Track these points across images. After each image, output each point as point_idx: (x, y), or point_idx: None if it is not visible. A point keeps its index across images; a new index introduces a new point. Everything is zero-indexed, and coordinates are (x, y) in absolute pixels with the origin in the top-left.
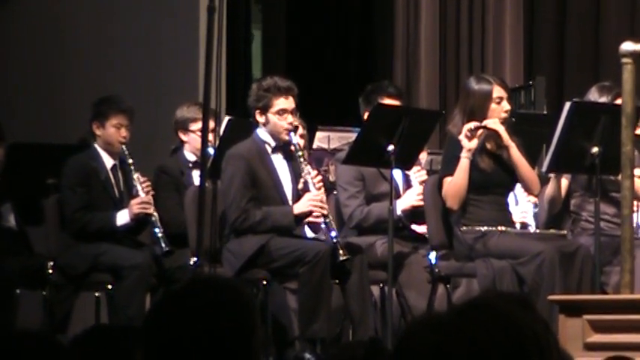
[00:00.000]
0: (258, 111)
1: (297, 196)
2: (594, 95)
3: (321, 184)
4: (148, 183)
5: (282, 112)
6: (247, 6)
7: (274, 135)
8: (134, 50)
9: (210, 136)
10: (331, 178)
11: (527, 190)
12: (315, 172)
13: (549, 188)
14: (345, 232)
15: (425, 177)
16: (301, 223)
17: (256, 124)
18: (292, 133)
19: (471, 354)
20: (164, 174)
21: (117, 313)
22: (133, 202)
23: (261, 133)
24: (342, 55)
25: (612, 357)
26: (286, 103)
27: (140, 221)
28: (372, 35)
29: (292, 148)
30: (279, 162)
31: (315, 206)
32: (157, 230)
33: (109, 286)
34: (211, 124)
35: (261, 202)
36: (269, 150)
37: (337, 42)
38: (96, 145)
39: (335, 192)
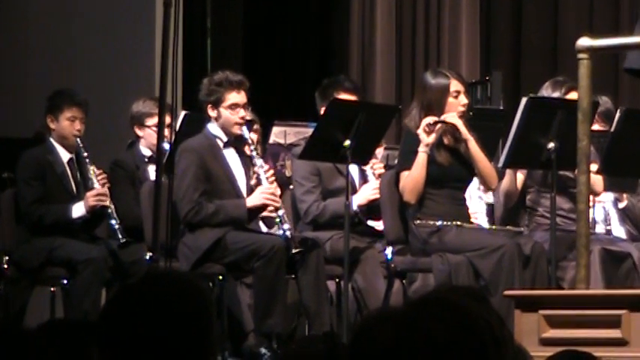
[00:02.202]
0: (209, 105)
1: (251, 190)
2: (547, 90)
3: (273, 177)
4: (104, 175)
5: (234, 106)
6: (204, 0)
7: (226, 129)
8: (90, 44)
9: (166, 131)
10: (287, 173)
11: (485, 184)
12: (268, 166)
13: (505, 182)
14: (300, 227)
15: (382, 170)
16: (255, 217)
17: (208, 119)
18: (245, 128)
19: (428, 347)
20: (120, 168)
21: (72, 307)
22: (89, 194)
23: (213, 128)
24: (298, 50)
25: (565, 350)
26: (238, 97)
27: (96, 214)
28: (329, 30)
29: (245, 142)
30: (231, 156)
31: (268, 199)
32: (113, 222)
33: (64, 281)
34: (167, 119)
35: (216, 195)
36: (221, 145)
37: (294, 37)
38: (51, 139)
39: (291, 187)
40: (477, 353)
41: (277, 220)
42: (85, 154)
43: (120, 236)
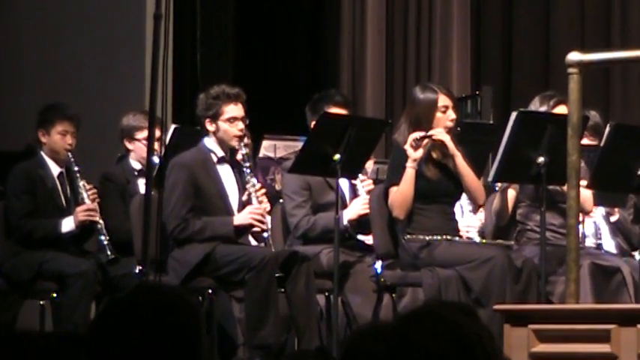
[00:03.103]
0: (208, 120)
1: (242, 206)
2: (536, 104)
3: (264, 197)
4: (94, 190)
5: (232, 119)
6: (194, 14)
7: (224, 143)
8: (81, 58)
9: (156, 145)
10: (277, 187)
11: (472, 199)
12: (260, 185)
13: (496, 202)
14: (290, 242)
15: (371, 186)
16: (242, 235)
17: (205, 134)
18: (242, 144)
19: None
20: (109, 182)
21: (62, 320)
22: (79, 209)
23: (209, 142)
24: (289, 64)
25: None
26: (236, 110)
27: (86, 229)
28: (319, 44)
29: (239, 157)
30: (224, 172)
31: (255, 219)
32: (102, 238)
33: (54, 294)
34: (157, 133)
35: (206, 211)
36: (215, 159)
37: (284, 51)
38: (42, 153)
39: (281, 201)
40: None
41: (262, 243)
42: (76, 168)
43: (108, 252)
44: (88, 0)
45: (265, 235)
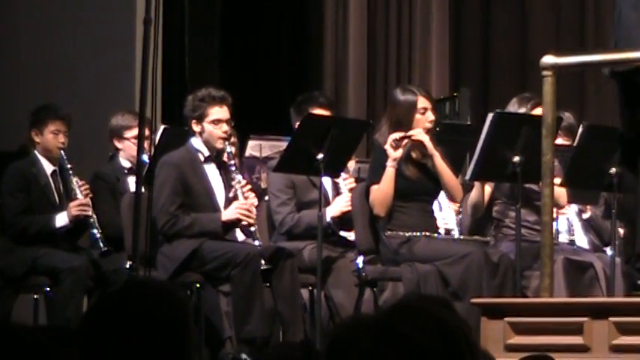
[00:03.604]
0: (194, 121)
1: (229, 202)
2: (514, 106)
3: (250, 193)
4: (87, 187)
5: (217, 121)
6: (182, 19)
7: (209, 143)
8: (73, 60)
9: (146, 144)
10: (263, 185)
11: (451, 197)
12: (245, 181)
13: (473, 194)
14: (275, 238)
15: (353, 184)
16: (230, 230)
17: (192, 134)
18: (227, 142)
19: (407, 354)
20: (100, 180)
21: (55, 314)
22: (72, 204)
23: (196, 142)
24: (273, 67)
25: (530, 356)
26: (221, 112)
27: (79, 224)
28: (303, 48)
29: (226, 156)
30: (211, 171)
31: (242, 214)
32: (95, 231)
33: (47, 289)
34: (146, 132)
35: (194, 208)
36: (202, 159)
37: (269, 55)
38: (36, 152)
39: (267, 198)
40: (466, 358)
41: (250, 237)
42: (69, 165)
43: (101, 245)
44: (80, 5)
45: (253, 229)
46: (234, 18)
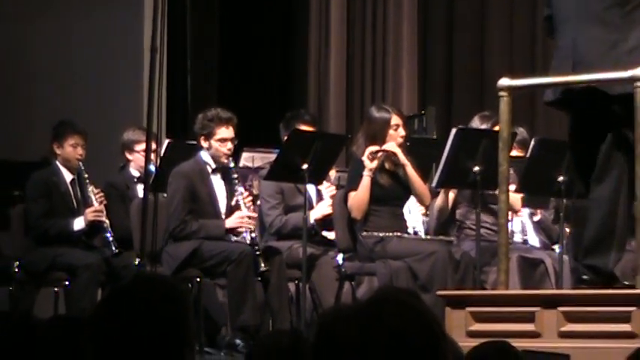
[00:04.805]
0: (202, 137)
1: (230, 210)
2: (476, 123)
3: (250, 204)
4: (101, 194)
5: (223, 140)
6: (184, 47)
7: (215, 158)
8: (89, 81)
9: (153, 156)
10: (255, 191)
11: (420, 201)
12: (247, 192)
13: (438, 199)
14: (266, 237)
15: (334, 191)
16: (231, 235)
17: (200, 148)
18: (231, 159)
19: (391, 340)
20: (112, 187)
21: (72, 305)
22: (88, 210)
23: (204, 155)
24: (264, 88)
25: (488, 341)
26: (227, 132)
27: (94, 227)
28: (290, 72)
29: (231, 171)
30: (217, 181)
31: (243, 223)
32: (108, 235)
33: (66, 283)
34: (153, 146)
35: (198, 214)
36: (209, 170)
37: (261, 77)
38: (57, 162)
39: (258, 203)
40: (432, 344)
41: (249, 241)
42: (86, 175)
43: (113, 248)
44: (94, 34)
45: (253, 235)
46: (230, 47)
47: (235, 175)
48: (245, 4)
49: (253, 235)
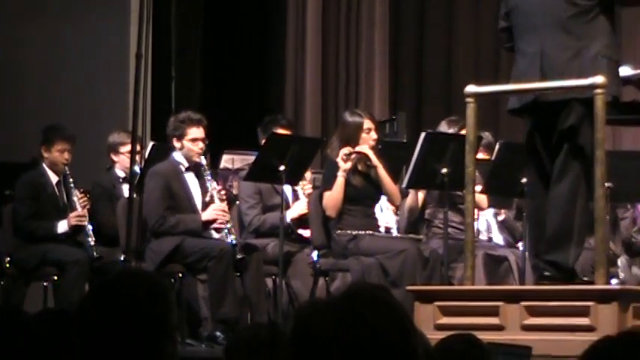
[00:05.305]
0: (175, 138)
1: (205, 205)
2: (444, 127)
3: (224, 197)
4: (85, 199)
5: (194, 140)
6: (169, 53)
7: (188, 157)
8: (77, 85)
9: (137, 158)
10: (235, 192)
11: (390, 201)
12: (220, 187)
13: (408, 200)
14: (245, 235)
15: (310, 191)
16: (208, 228)
17: (173, 149)
18: (202, 157)
19: (365, 332)
20: (99, 187)
21: (61, 299)
22: (71, 215)
23: (177, 155)
24: (244, 93)
25: (455, 334)
26: (198, 132)
27: (77, 231)
28: (268, 78)
29: (203, 168)
30: (190, 179)
31: (218, 215)
32: (89, 239)
33: (55, 278)
34: (138, 148)
35: (176, 210)
36: (183, 169)
37: (240, 83)
38: (44, 165)
39: (238, 203)
40: (402, 336)
41: (225, 231)
42: (71, 179)
43: (94, 253)
44: (83, 41)
45: (228, 225)
46: (213, 54)
47: (208, 172)
48: (226, 14)
49: (229, 225)
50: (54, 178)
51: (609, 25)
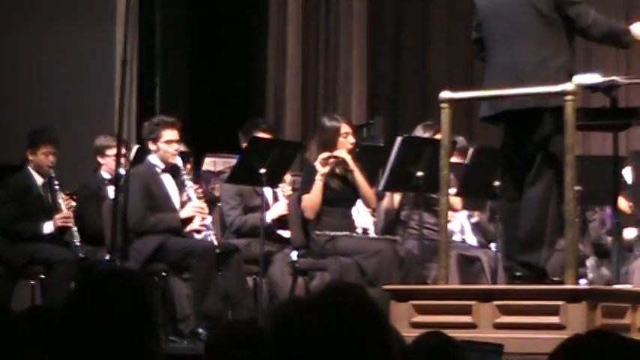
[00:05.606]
0: (150, 141)
1: (183, 204)
2: (420, 131)
3: (201, 194)
4: (70, 200)
5: (169, 141)
6: (154, 59)
7: (164, 159)
8: (64, 91)
9: (122, 160)
10: (217, 193)
11: (366, 204)
12: (197, 185)
13: (385, 202)
14: (226, 236)
15: (289, 193)
16: (187, 224)
17: (149, 152)
18: (178, 157)
19: (342, 329)
20: (86, 188)
21: (49, 297)
22: (57, 216)
23: (152, 158)
24: (226, 99)
25: (429, 331)
26: (172, 134)
27: (63, 232)
28: (250, 84)
29: (179, 168)
30: (167, 180)
31: (196, 211)
32: (75, 240)
33: (43, 276)
34: (123, 151)
35: (156, 209)
36: (159, 171)
37: (223, 89)
38: (29, 167)
39: (219, 204)
40: (380, 332)
41: (206, 232)
42: (57, 182)
43: (80, 254)
44: (70, 47)
45: (207, 222)
46: (197, 61)
47: (184, 172)
48: (210, 22)
49: (207, 222)
50: (39, 181)
51: (571, 39)
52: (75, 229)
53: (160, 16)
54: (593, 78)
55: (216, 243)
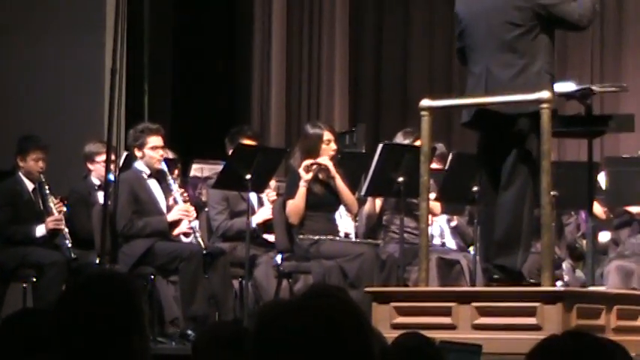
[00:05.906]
0: (136, 148)
1: (168, 208)
2: (400, 138)
3: (187, 198)
4: (61, 204)
5: (154, 147)
6: (141, 67)
7: (150, 165)
8: (55, 98)
9: (112, 166)
10: (204, 199)
11: (348, 210)
12: (182, 189)
13: (367, 206)
14: (213, 239)
15: (274, 198)
16: (174, 228)
17: (135, 158)
18: (163, 163)
19: (324, 329)
20: (76, 194)
21: (40, 300)
22: (49, 219)
23: (139, 164)
24: (212, 106)
25: (409, 332)
26: (157, 140)
27: (54, 234)
28: (235, 92)
29: (165, 173)
30: (153, 185)
31: (183, 214)
32: (66, 242)
33: (34, 279)
34: (112, 157)
35: (143, 214)
36: (145, 177)
37: (208, 97)
38: (19, 173)
39: (206, 209)
40: (361, 333)
41: (193, 235)
42: (47, 186)
43: (72, 255)
44: (60, 56)
45: (193, 224)
46: (183, 69)
47: (169, 176)
48: (195, 31)
49: (194, 224)
50: (30, 186)
51: (550, 42)
52: (66, 230)
53: (148, 26)
54: (568, 86)
55: (202, 245)
